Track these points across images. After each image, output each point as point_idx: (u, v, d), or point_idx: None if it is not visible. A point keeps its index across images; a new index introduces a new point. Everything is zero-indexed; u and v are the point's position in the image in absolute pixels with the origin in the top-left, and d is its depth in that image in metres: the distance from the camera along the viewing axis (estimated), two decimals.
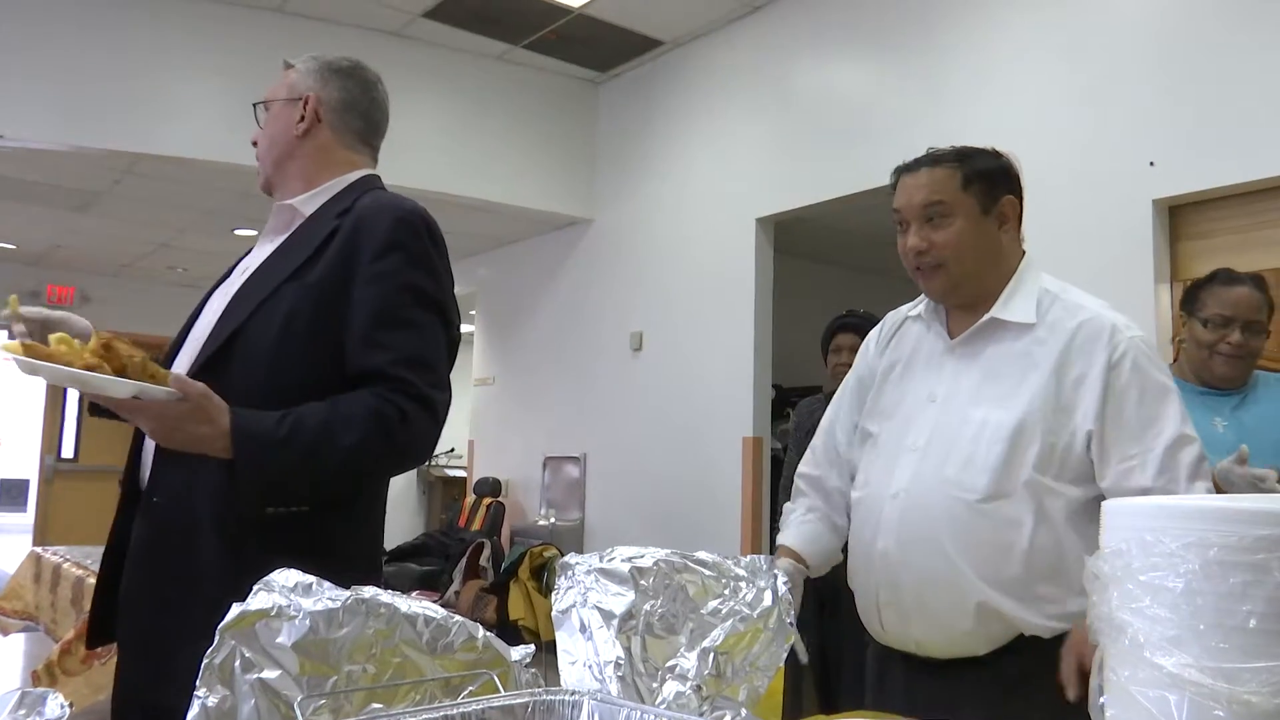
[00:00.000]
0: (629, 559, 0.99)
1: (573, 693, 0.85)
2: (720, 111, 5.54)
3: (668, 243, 5.81)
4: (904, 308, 1.87)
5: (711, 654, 0.94)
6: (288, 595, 0.82)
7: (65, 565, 3.95)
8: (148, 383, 1.34)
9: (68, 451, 9.53)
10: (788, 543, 1.83)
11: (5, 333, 1.54)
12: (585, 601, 0.97)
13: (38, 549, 4.56)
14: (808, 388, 5.34)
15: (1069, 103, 3.84)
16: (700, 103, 5.68)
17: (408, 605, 0.87)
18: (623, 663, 0.93)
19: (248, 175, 1.87)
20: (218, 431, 1.40)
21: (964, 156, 1.69)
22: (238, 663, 0.78)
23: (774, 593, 1.01)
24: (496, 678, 0.87)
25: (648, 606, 0.96)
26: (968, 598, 1.56)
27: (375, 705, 0.81)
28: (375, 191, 1.70)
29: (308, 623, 0.80)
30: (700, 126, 5.68)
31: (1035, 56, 4.00)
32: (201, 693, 0.76)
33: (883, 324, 1.89)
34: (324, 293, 1.55)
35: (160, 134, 5.02)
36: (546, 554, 5.70)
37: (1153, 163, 3.55)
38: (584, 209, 6.38)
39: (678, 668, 0.94)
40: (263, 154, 1.78)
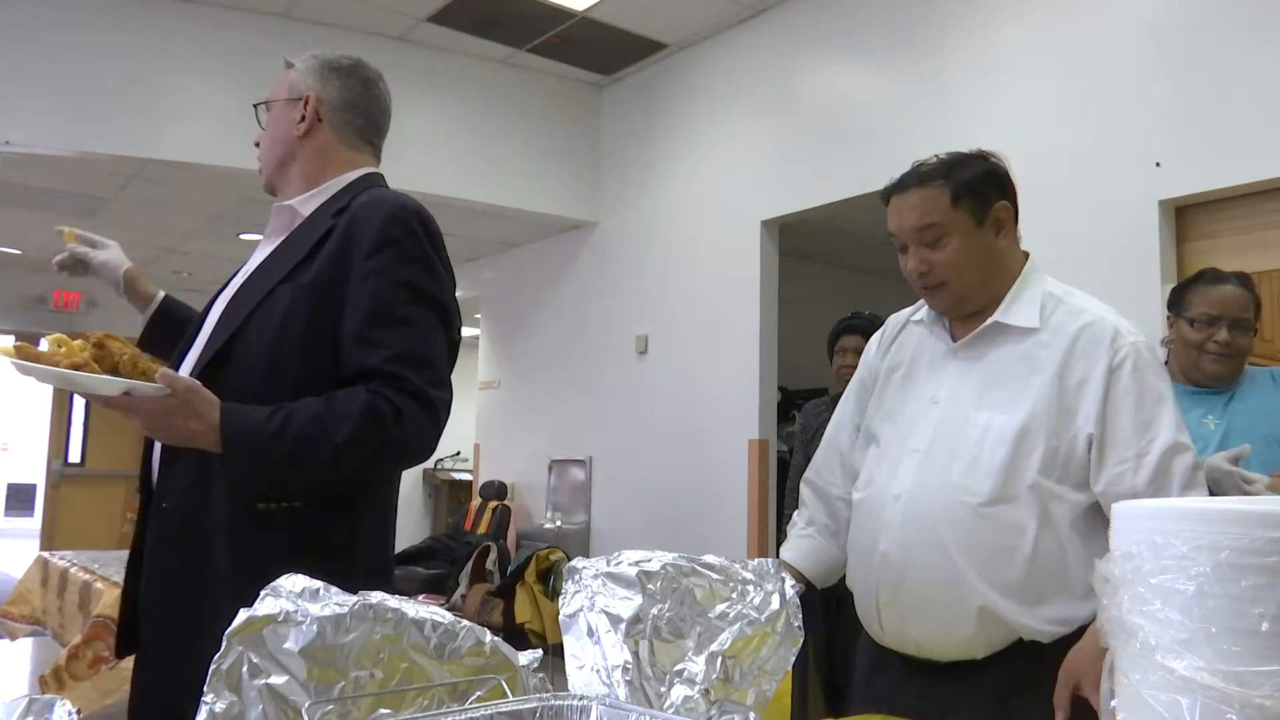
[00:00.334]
0: (636, 563, 0.99)
1: (581, 697, 0.85)
2: (724, 114, 5.54)
3: (673, 246, 5.81)
4: (905, 311, 1.87)
5: (719, 658, 0.94)
6: (295, 601, 0.82)
7: (72, 570, 3.96)
8: (138, 379, 1.35)
9: (75, 456, 9.55)
10: (788, 558, 1.85)
11: (14, 338, 1.56)
12: (593, 606, 0.97)
13: (45, 554, 4.57)
14: (813, 390, 5.33)
15: (1074, 104, 3.83)
16: (704, 105, 5.68)
17: (415, 610, 0.87)
18: (630, 667, 0.92)
19: (253, 180, 1.87)
20: (207, 426, 1.40)
21: (950, 169, 1.67)
22: (245, 668, 0.78)
23: (782, 596, 1.01)
24: (504, 683, 0.87)
25: (655, 610, 0.96)
26: (970, 601, 1.56)
27: (383, 711, 0.81)
28: (373, 189, 1.68)
29: (315, 628, 0.80)
30: (704, 129, 5.68)
31: (1040, 57, 3.99)
32: (209, 698, 0.76)
33: (884, 327, 1.89)
34: (319, 292, 1.55)
35: (166, 139, 5.03)
36: (552, 557, 5.70)
37: (1159, 163, 3.54)
38: (588, 212, 6.38)
39: (686, 672, 0.94)
40: (264, 155, 1.77)
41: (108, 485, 9.13)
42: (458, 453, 9.44)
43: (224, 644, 0.78)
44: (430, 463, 9.11)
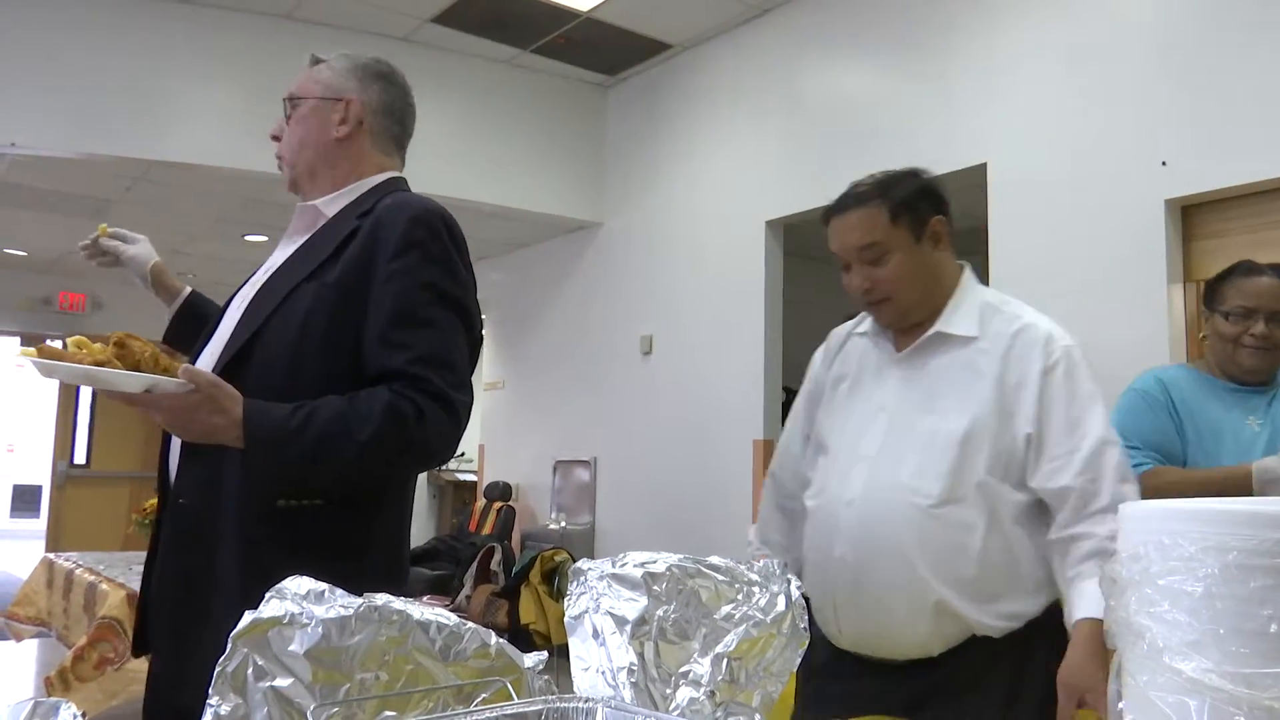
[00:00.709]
0: (641, 564, 0.98)
1: (586, 699, 0.85)
2: (729, 114, 5.54)
3: (677, 246, 5.81)
4: (848, 324, 1.96)
5: (725, 659, 0.94)
6: (300, 603, 0.82)
7: (78, 571, 3.96)
8: (160, 375, 1.35)
9: (80, 458, 9.56)
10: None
11: (19, 339, 1.56)
12: (598, 607, 0.97)
13: (50, 555, 4.58)
14: None
15: (1079, 103, 3.83)
16: (709, 106, 5.68)
17: (420, 612, 0.87)
18: (636, 669, 0.92)
19: (259, 181, 1.87)
20: (230, 420, 1.40)
21: (886, 188, 1.76)
22: (250, 670, 0.78)
23: (787, 598, 1.00)
24: (509, 685, 0.87)
25: (660, 612, 0.95)
26: (925, 599, 1.62)
27: (388, 713, 0.81)
28: (397, 193, 1.68)
29: (320, 630, 0.80)
30: (709, 129, 5.68)
31: (1045, 57, 3.99)
32: (214, 701, 0.76)
33: (828, 341, 1.99)
34: (343, 293, 1.55)
35: (171, 141, 5.04)
36: (557, 558, 5.71)
37: (1165, 162, 3.54)
38: (593, 213, 6.38)
39: (691, 673, 0.94)
40: (290, 152, 1.73)
41: (113, 487, 9.14)
42: (462, 453, 9.44)
43: (229, 646, 0.78)
44: None
